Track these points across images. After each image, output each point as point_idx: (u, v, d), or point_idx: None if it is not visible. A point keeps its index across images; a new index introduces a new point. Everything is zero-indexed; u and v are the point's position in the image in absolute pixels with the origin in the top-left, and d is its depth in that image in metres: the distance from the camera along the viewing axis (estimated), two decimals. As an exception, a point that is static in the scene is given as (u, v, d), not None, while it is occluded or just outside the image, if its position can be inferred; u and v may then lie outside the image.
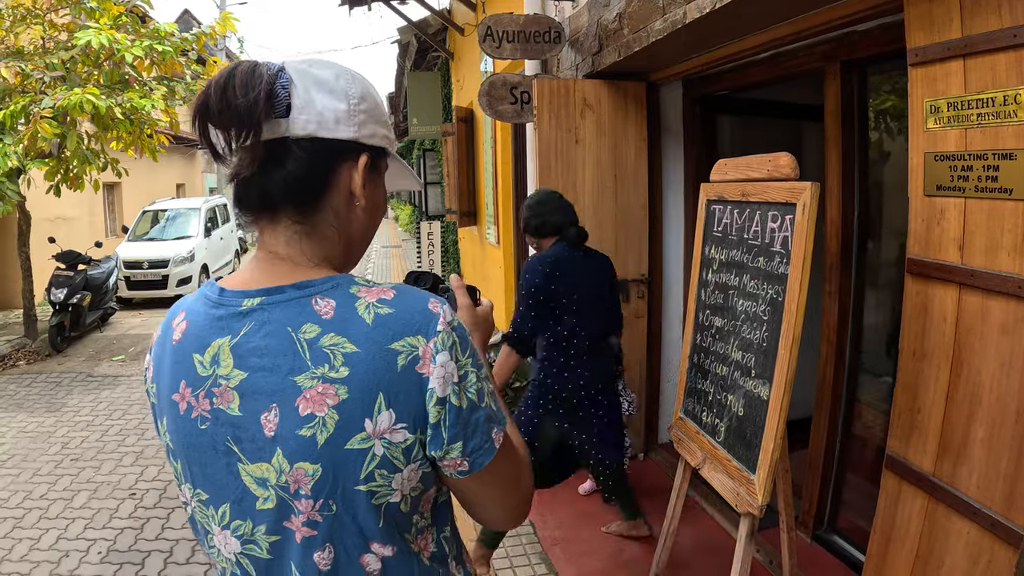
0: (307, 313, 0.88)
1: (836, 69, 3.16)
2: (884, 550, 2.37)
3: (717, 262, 2.73)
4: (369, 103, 1.00)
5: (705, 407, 2.71)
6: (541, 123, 3.95)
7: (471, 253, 10.30)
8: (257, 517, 0.90)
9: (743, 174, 2.60)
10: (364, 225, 1.03)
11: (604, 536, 3.67)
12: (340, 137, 0.95)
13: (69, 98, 6.73)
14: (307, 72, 0.96)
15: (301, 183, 0.95)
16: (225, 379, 0.90)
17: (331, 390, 0.84)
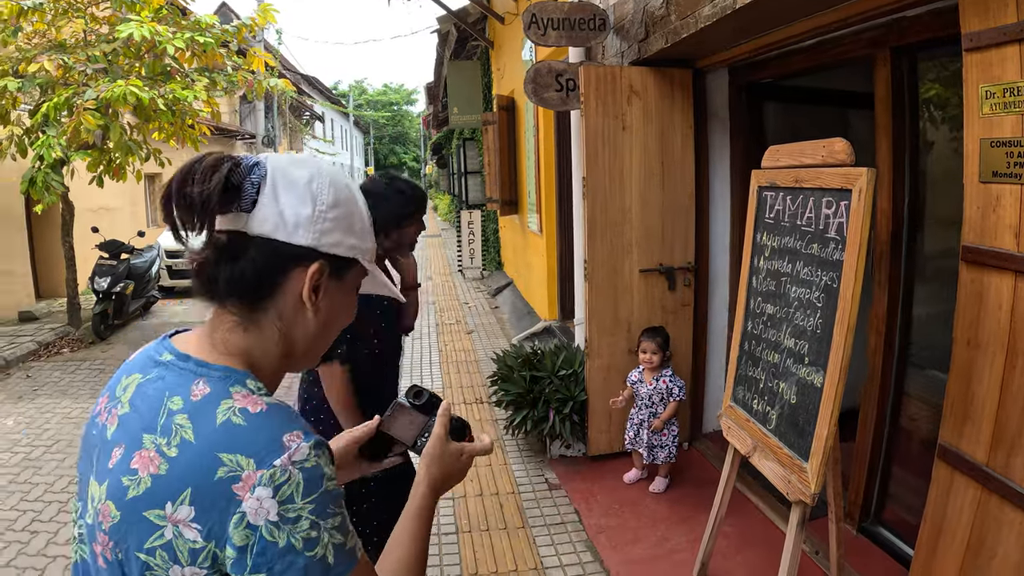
0: (184, 388, 0.91)
1: (886, 55, 3.10)
2: (934, 540, 2.36)
3: (769, 249, 2.72)
4: (341, 211, 0.99)
5: (756, 395, 2.71)
6: (588, 110, 3.96)
7: (512, 241, 10.33)
8: (85, 526, 0.95)
9: (796, 160, 2.59)
10: (313, 331, 1.02)
11: (649, 524, 3.69)
12: (296, 243, 0.96)
13: (113, 90, 6.84)
14: (282, 170, 0.97)
15: (248, 282, 0.96)
16: (120, 406, 0.95)
17: (157, 460, 0.86)
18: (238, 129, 20.69)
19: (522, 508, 3.94)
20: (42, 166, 7.28)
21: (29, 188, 7.40)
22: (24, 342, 8.38)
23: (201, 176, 0.92)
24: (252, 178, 0.95)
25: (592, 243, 4.07)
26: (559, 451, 4.48)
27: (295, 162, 1.00)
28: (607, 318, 4.18)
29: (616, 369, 4.21)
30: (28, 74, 7.24)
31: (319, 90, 32.97)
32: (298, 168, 0.98)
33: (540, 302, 7.93)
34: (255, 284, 0.96)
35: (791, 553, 2.39)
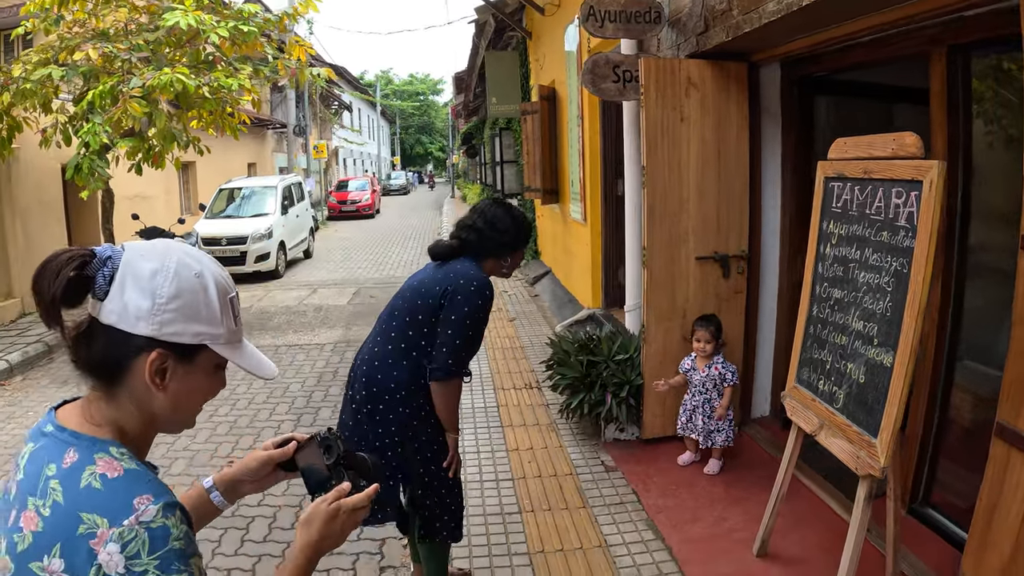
0: (58, 456, 1.02)
1: (942, 53, 3.18)
2: (989, 516, 2.46)
3: (836, 236, 2.84)
4: (183, 302, 1.08)
5: (822, 375, 2.85)
6: (648, 101, 4.08)
7: (551, 231, 10.46)
8: None
9: (865, 152, 2.71)
10: (168, 408, 1.12)
11: (707, 504, 3.83)
12: (139, 333, 1.06)
13: (159, 78, 6.97)
14: (132, 264, 1.07)
15: (99, 365, 1.08)
16: (18, 471, 1.06)
17: (36, 519, 0.98)
18: (270, 119, 20.98)
19: (581, 489, 4.09)
20: (88, 152, 7.42)
21: (75, 175, 7.53)
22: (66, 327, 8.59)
23: (48, 278, 1.03)
24: (104, 271, 1.06)
25: (651, 231, 4.21)
26: (613, 434, 4.63)
27: (146, 255, 1.09)
28: (664, 304, 4.32)
29: (671, 355, 4.35)
30: (71, 62, 7.37)
31: (347, 80, 33.22)
32: (146, 261, 1.08)
33: (583, 290, 8.07)
34: (107, 367, 1.08)
35: (858, 525, 2.52)
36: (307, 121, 22.83)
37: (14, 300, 9.14)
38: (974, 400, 3.49)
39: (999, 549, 2.41)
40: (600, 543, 3.52)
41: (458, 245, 2.69)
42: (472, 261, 2.66)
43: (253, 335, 8.60)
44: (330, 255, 16.05)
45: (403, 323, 2.62)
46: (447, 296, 2.55)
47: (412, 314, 2.60)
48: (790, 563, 3.26)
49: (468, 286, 2.55)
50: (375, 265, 14.28)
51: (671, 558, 3.37)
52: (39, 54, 7.50)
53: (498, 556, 3.44)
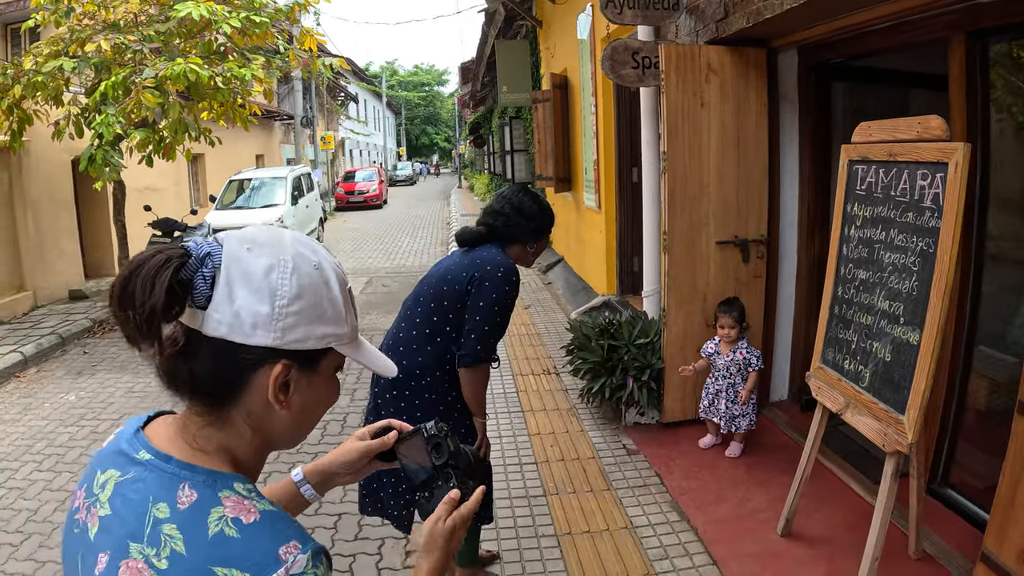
0: (169, 493, 0.85)
1: (961, 39, 3.22)
2: (1012, 492, 2.51)
3: (860, 218, 2.89)
4: (307, 302, 0.91)
5: (848, 355, 2.90)
6: (668, 87, 4.12)
7: (563, 219, 10.46)
8: None
9: (890, 136, 2.75)
10: (288, 427, 0.96)
11: (730, 486, 3.88)
12: (256, 344, 0.88)
13: (172, 68, 7.02)
14: (239, 260, 0.89)
15: (208, 384, 0.91)
16: (100, 505, 0.89)
17: (147, 573, 0.81)
18: (277, 110, 21.02)
19: (604, 471, 4.15)
20: (101, 143, 7.46)
21: (88, 166, 7.56)
22: (78, 319, 8.56)
23: (142, 286, 0.85)
24: (204, 272, 0.88)
25: (672, 215, 4.25)
26: (634, 418, 4.69)
27: (256, 245, 0.91)
28: (684, 288, 4.36)
29: (692, 338, 4.40)
30: (82, 54, 7.41)
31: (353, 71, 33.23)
32: (255, 256, 0.89)
33: (597, 277, 8.11)
34: (215, 386, 0.91)
35: (885, 501, 2.58)
36: (314, 112, 22.88)
37: (26, 293, 9.22)
38: (991, 383, 3.54)
39: (1022, 526, 2.46)
40: (626, 524, 3.58)
41: (485, 231, 2.71)
42: (499, 247, 2.67)
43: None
44: (340, 245, 16.12)
45: (428, 309, 2.63)
46: (474, 282, 2.56)
47: (437, 300, 2.62)
48: (815, 542, 3.32)
49: (495, 272, 2.55)
50: (385, 255, 14.34)
51: (697, 538, 3.43)
52: (50, 46, 7.55)
53: (526, 539, 3.51)
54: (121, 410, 5.75)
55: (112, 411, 5.75)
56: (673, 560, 3.26)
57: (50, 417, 5.67)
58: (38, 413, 5.78)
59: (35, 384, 6.62)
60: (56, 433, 5.31)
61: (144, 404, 5.87)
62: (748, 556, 3.24)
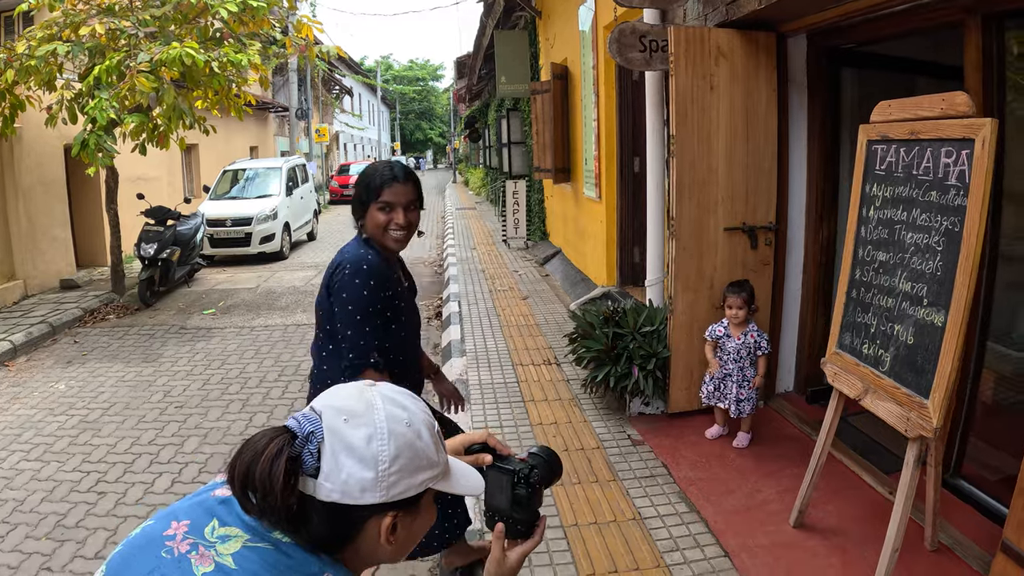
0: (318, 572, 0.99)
1: (977, 22, 3.16)
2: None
3: (880, 199, 2.81)
4: (405, 459, 1.02)
5: (866, 339, 2.82)
6: (678, 70, 4.03)
7: (561, 211, 10.42)
8: None
9: (911, 114, 2.67)
10: (395, 553, 1.10)
11: (738, 477, 3.81)
12: (365, 503, 1.00)
13: (168, 52, 6.92)
14: (339, 433, 1.00)
15: (325, 539, 1.02)
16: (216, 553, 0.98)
17: None
18: (272, 102, 20.90)
19: (609, 462, 4.07)
20: (94, 128, 7.35)
21: (81, 151, 7.45)
22: (69, 308, 8.48)
23: (261, 476, 0.96)
24: (310, 448, 0.99)
25: (680, 201, 4.17)
26: (638, 408, 4.61)
27: (351, 419, 1.01)
28: (691, 275, 4.29)
29: (699, 325, 4.32)
30: (76, 38, 7.30)
31: (347, 64, 33.06)
32: (353, 427, 1.00)
33: (596, 268, 8.04)
34: (331, 540, 1.03)
35: (907, 488, 2.51)
36: (309, 105, 22.73)
37: (17, 282, 9.12)
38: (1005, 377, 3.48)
39: (1044, 515, 2.40)
40: (634, 516, 3.50)
41: None
42: (359, 240, 2.41)
43: (262, 314, 8.62)
44: (334, 237, 16.00)
45: (319, 314, 2.47)
46: (331, 285, 2.35)
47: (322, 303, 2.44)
48: (828, 534, 3.24)
49: (343, 269, 2.31)
50: (381, 247, 14.24)
51: (707, 530, 3.35)
52: (43, 30, 7.43)
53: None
54: (112, 399, 5.68)
55: (102, 400, 5.67)
56: (684, 552, 3.18)
57: (39, 406, 5.58)
58: (27, 402, 5.70)
59: (24, 373, 6.53)
60: (45, 422, 5.23)
61: (135, 393, 5.81)
62: (761, 548, 3.16)
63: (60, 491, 4.16)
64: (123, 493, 4.12)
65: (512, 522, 1.29)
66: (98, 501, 4.03)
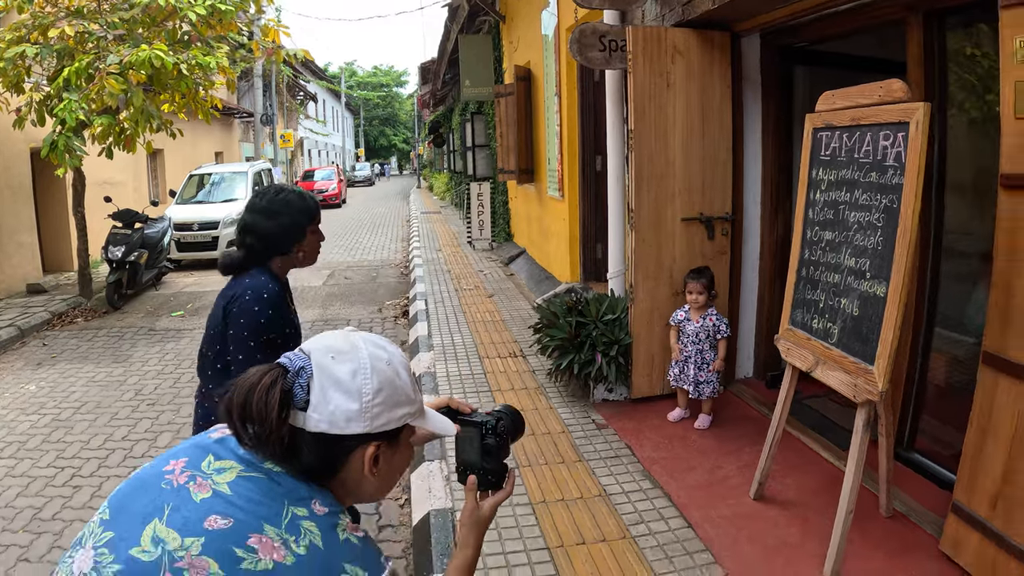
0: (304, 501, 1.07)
1: (919, 19, 3.38)
2: (981, 442, 2.64)
3: (826, 182, 2.99)
4: (387, 393, 1.12)
5: (816, 314, 2.99)
6: (636, 67, 4.20)
7: (525, 211, 10.56)
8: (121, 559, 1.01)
9: (853, 102, 2.86)
10: (376, 488, 1.19)
11: (700, 455, 3.96)
12: (351, 433, 1.09)
13: (137, 54, 6.93)
14: (326, 368, 1.09)
15: (314, 470, 1.11)
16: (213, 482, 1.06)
17: (283, 551, 1.00)
18: (237, 107, 20.78)
19: (575, 445, 4.20)
20: (63, 130, 7.32)
21: (50, 152, 7.40)
22: (37, 312, 8.41)
23: (258, 404, 1.06)
24: (300, 382, 1.09)
25: (639, 193, 4.33)
26: (602, 395, 4.75)
27: (337, 355, 1.11)
28: (651, 264, 4.45)
29: (659, 313, 4.49)
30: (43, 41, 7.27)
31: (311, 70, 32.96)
32: (339, 363, 1.10)
33: (560, 266, 8.19)
34: (321, 471, 1.12)
35: (858, 450, 2.67)
36: (274, 110, 22.64)
37: (-17, 285, 8.98)
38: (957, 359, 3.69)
39: (991, 474, 2.58)
40: (600, 492, 3.63)
41: (245, 253, 2.39)
42: (259, 268, 2.38)
43: (232, 317, 8.57)
44: (301, 243, 15.96)
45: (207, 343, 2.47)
46: (229, 316, 2.33)
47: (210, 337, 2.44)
48: (787, 504, 3.41)
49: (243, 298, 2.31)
50: (346, 250, 14.28)
51: (671, 504, 3.49)
52: (12, 32, 7.38)
53: (502, 507, 3.52)
54: (83, 398, 5.67)
55: (74, 400, 5.66)
56: (649, 524, 3.32)
57: (10, 406, 5.56)
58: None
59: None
60: (17, 422, 5.21)
61: (106, 393, 5.80)
62: (723, 519, 3.31)
63: (35, 486, 4.17)
64: (98, 487, 4.16)
65: (483, 473, 1.37)
66: (74, 495, 4.06)
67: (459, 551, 1.33)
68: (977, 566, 2.66)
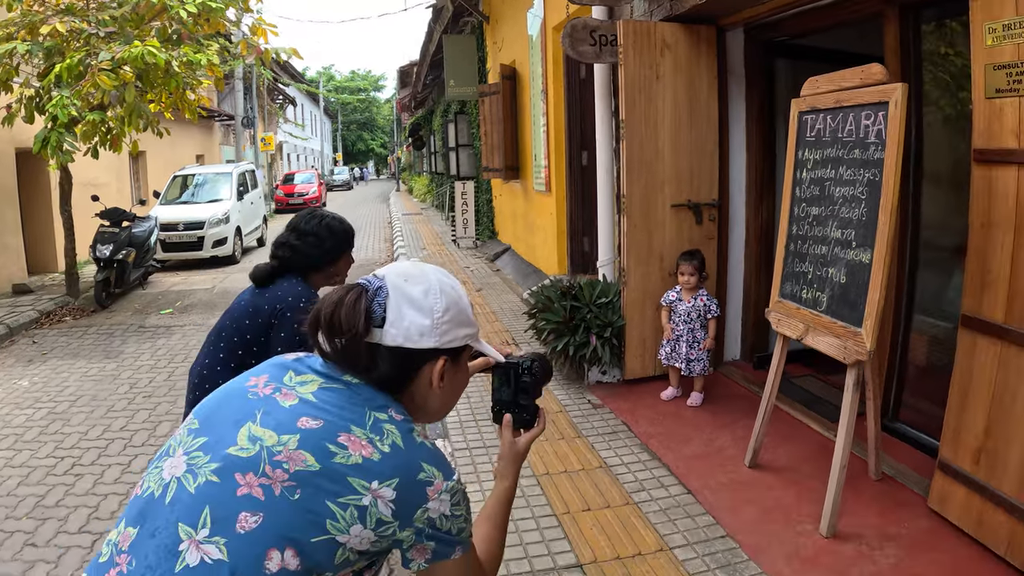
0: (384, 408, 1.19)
1: (895, 12, 3.61)
2: (963, 401, 2.84)
3: (811, 161, 3.19)
4: (452, 312, 1.24)
5: (804, 285, 3.19)
6: (627, 60, 4.38)
7: (510, 208, 10.73)
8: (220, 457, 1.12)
9: (836, 86, 3.06)
10: (441, 403, 1.31)
11: (694, 429, 4.14)
12: (422, 347, 1.21)
13: (130, 51, 6.98)
14: (401, 289, 1.22)
15: (389, 382, 1.22)
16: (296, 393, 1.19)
17: (369, 448, 1.12)
18: (218, 110, 20.77)
19: (574, 423, 4.36)
20: (55, 126, 7.33)
21: (42, 149, 7.42)
22: (25, 311, 8.41)
23: (347, 317, 1.18)
24: (378, 300, 1.21)
25: (630, 180, 4.51)
26: (596, 377, 4.93)
27: (409, 279, 1.24)
28: (642, 249, 4.63)
29: (651, 296, 4.67)
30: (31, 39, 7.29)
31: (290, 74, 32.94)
32: (413, 285, 1.23)
33: (547, 260, 8.36)
34: (395, 382, 1.23)
35: (849, 408, 2.87)
36: (254, 113, 22.63)
37: (-31, 286, 8.97)
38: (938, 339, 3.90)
39: (974, 429, 2.78)
40: (601, 464, 3.80)
41: (278, 265, 2.60)
42: (297, 279, 2.59)
43: (220, 312, 8.57)
44: (285, 244, 16.02)
45: (232, 343, 2.60)
46: (277, 315, 2.51)
47: (240, 334, 2.58)
48: (780, 471, 3.60)
49: (297, 304, 2.50)
50: (332, 252, 14.34)
51: (670, 473, 3.67)
52: (1, 30, 7.42)
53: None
54: (78, 392, 5.71)
55: (68, 394, 5.70)
56: (650, 492, 3.49)
57: (3, 401, 5.59)
58: (-9, 403, 5.67)
59: (-15, 374, 6.49)
60: (12, 416, 5.24)
61: (101, 387, 5.86)
62: (721, 485, 3.49)
63: (36, 476, 4.22)
64: (100, 474, 4.20)
65: (518, 411, 1.48)
66: (76, 482, 4.10)
67: (499, 483, 1.46)
68: (964, 518, 2.85)
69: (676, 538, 3.05)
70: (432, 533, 1.16)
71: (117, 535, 1.14)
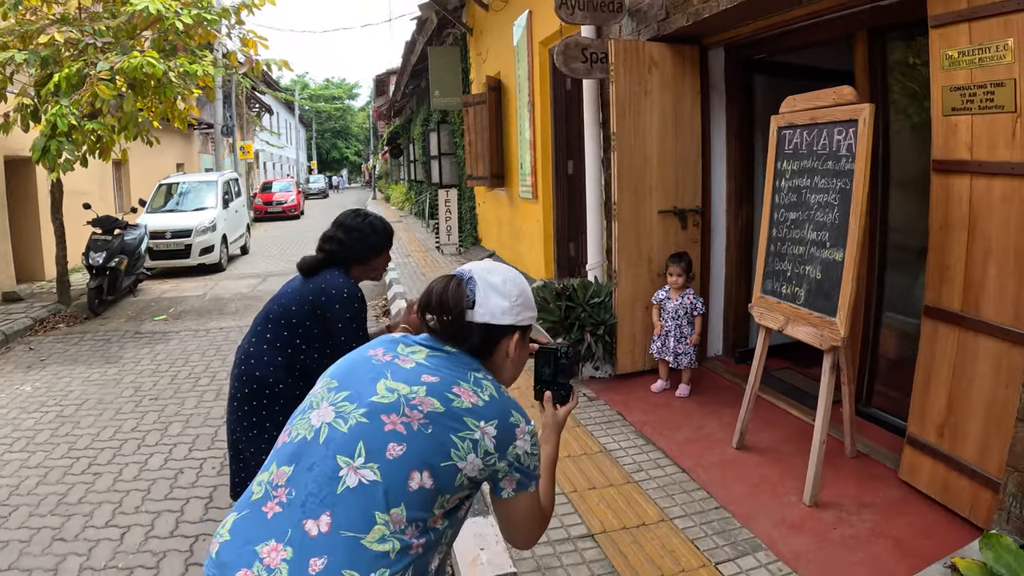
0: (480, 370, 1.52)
1: (864, 34, 4.02)
2: (926, 384, 3.22)
3: (789, 171, 3.57)
4: (523, 298, 1.58)
5: (784, 282, 3.56)
6: (617, 76, 4.75)
7: (495, 215, 11.04)
8: (366, 404, 1.44)
9: (811, 104, 3.44)
10: (510, 373, 1.64)
11: (684, 417, 4.49)
12: (504, 323, 1.55)
13: (129, 61, 7.15)
14: (485, 279, 1.55)
15: (476, 350, 1.55)
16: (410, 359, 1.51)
17: (474, 397, 1.44)
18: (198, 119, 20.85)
19: (572, 414, 4.68)
20: (55, 135, 7.41)
21: (42, 157, 7.50)
22: (18, 318, 8.50)
23: (454, 297, 1.53)
24: (470, 286, 1.54)
25: (621, 187, 4.87)
26: (589, 372, 5.26)
27: (489, 271, 1.57)
28: (632, 252, 4.99)
29: (640, 296, 5.03)
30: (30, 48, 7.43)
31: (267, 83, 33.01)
32: (493, 275, 1.56)
33: (534, 264, 8.68)
34: (482, 350, 1.56)
35: (826, 390, 3.24)
36: (233, 122, 22.73)
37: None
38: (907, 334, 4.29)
39: (936, 406, 3.16)
40: (600, 449, 4.13)
41: (324, 257, 2.82)
42: (339, 270, 2.79)
43: (214, 318, 8.90)
44: (267, 250, 16.26)
45: (279, 325, 2.82)
46: (323, 306, 2.72)
47: (287, 318, 2.81)
48: (765, 451, 3.97)
49: (341, 294, 2.72)
50: (317, 259, 14.55)
51: (665, 455, 4.01)
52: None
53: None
54: (83, 396, 5.81)
55: (73, 397, 5.80)
56: (648, 472, 3.83)
57: (9, 406, 5.65)
58: (-8, 408, 5.72)
59: (-15, 380, 6.54)
60: (20, 419, 5.31)
61: (105, 390, 5.97)
62: (712, 465, 3.85)
63: (54, 475, 4.31)
64: (119, 472, 4.33)
65: (557, 388, 1.80)
66: (95, 480, 4.22)
67: (544, 447, 1.73)
68: (931, 486, 3.23)
69: (675, 510, 3.40)
70: (519, 467, 1.48)
71: (270, 475, 1.44)
